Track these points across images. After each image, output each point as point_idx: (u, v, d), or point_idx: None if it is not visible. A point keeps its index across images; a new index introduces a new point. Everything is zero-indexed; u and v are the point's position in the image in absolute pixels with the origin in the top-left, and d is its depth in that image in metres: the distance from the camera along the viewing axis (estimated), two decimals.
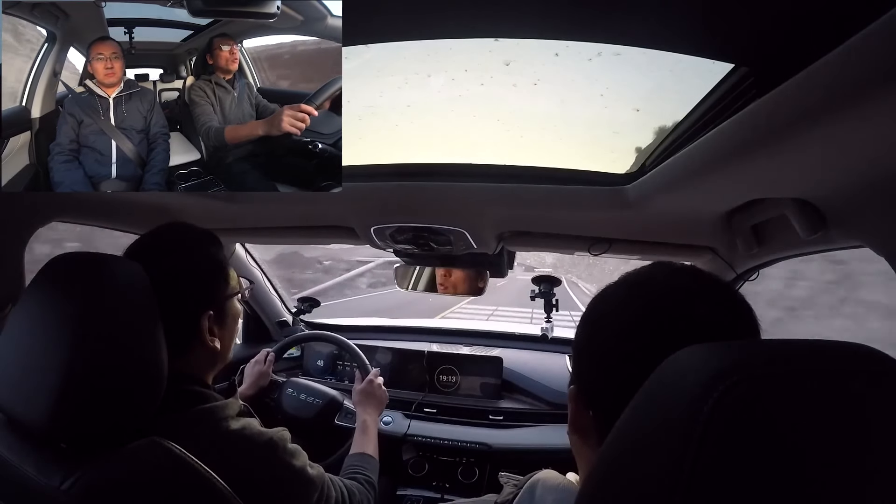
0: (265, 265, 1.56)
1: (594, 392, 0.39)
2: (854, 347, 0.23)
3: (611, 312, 0.40)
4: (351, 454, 0.93)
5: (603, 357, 0.39)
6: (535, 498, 0.42)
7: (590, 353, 0.40)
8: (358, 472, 0.85)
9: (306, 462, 0.66)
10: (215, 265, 0.66)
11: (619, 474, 0.25)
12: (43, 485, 0.45)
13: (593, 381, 0.39)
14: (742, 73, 0.46)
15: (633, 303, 0.38)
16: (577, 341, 0.42)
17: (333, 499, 0.70)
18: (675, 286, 0.38)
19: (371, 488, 0.83)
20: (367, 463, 0.91)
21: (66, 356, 0.46)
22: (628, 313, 0.38)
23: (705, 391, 0.21)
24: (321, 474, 0.68)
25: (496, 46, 0.52)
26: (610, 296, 0.41)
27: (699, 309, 0.36)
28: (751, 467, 0.20)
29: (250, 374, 1.18)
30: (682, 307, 0.36)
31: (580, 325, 0.42)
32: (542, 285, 1.33)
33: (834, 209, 0.58)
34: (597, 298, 0.42)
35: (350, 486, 0.76)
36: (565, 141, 0.76)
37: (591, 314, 0.42)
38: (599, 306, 0.41)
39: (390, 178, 0.85)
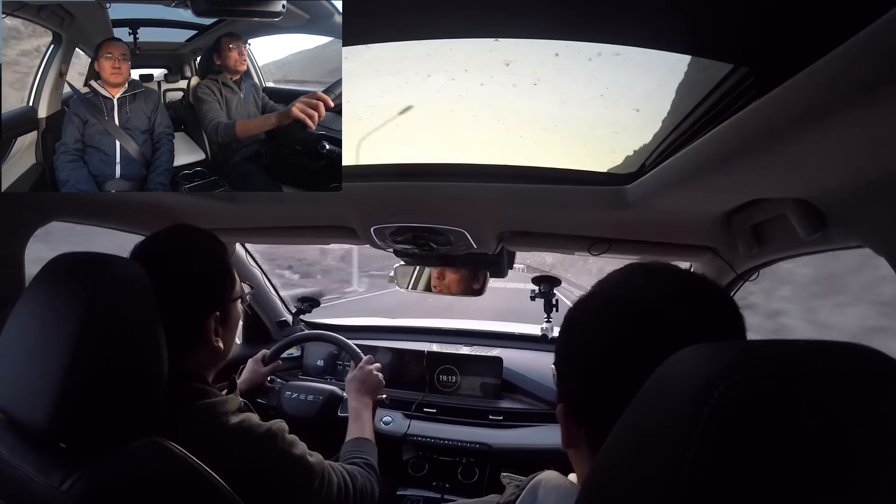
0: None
1: (581, 409, 0.39)
2: (854, 347, 0.23)
3: (587, 326, 0.39)
4: (346, 441, 0.93)
5: (584, 375, 0.38)
6: (537, 499, 0.41)
7: (571, 371, 0.40)
8: (356, 457, 0.86)
9: (305, 450, 0.67)
10: (223, 268, 0.67)
11: (619, 475, 0.25)
12: (43, 485, 0.45)
13: (578, 399, 0.39)
14: (742, 73, 0.46)
15: (608, 315, 0.38)
16: (558, 359, 0.41)
17: (335, 483, 0.70)
18: (648, 292, 0.37)
19: (371, 471, 0.83)
20: (363, 447, 0.90)
21: (66, 356, 0.46)
22: (603, 327, 0.37)
23: (705, 392, 0.21)
24: (320, 461, 0.69)
25: (496, 46, 0.52)
26: (584, 309, 0.40)
27: (675, 315, 0.35)
28: (750, 468, 0.20)
29: (248, 370, 1.18)
30: (656, 316, 0.35)
31: (559, 341, 0.42)
32: (542, 285, 1.33)
33: (834, 209, 0.58)
34: (572, 311, 0.41)
35: (351, 471, 0.77)
36: (565, 141, 0.76)
37: (568, 330, 0.41)
38: (576, 319, 0.41)
39: (390, 178, 0.85)
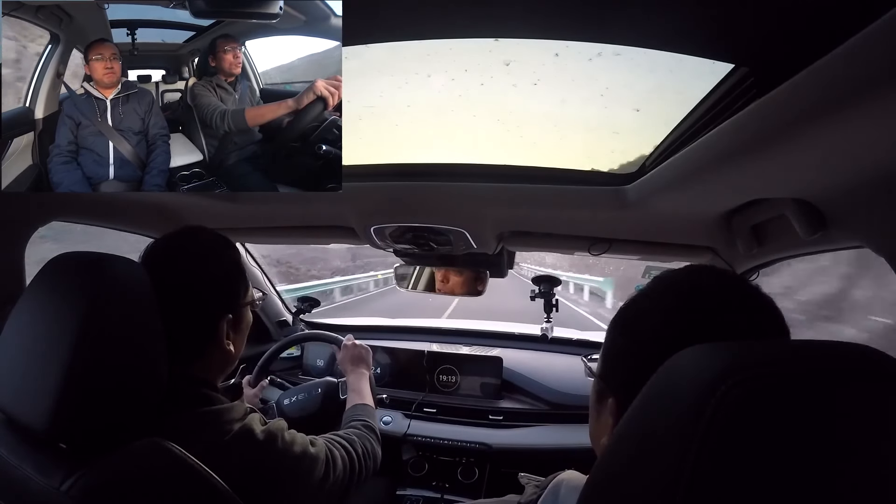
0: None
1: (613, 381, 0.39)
2: (854, 347, 0.23)
3: (654, 323, 0.39)
4: (346, 409, 0.95)
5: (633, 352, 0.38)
6: (558, 498, 0.41)
7: (629, 365, 0.39)
8: (354, 420, 0.88)
9: (306, 443, 0.67)
10: (237, 271, 0.66)
11: (623, 471, 0.25)
12: (43, 485, 0.45)
13: (619, 374, 0.39)
14: (742, 73, 0.46)
15: (683, 314, 0.37)
16: (612, 353, 0.41)
17: (339, 458, 0.71)
18: (719, 294, 0.38)
19: (370, 431, 0.86)
20: (361, 411, 0.93)
21: (66, 356, 0.46)
22: (677, 324, 0.37)
23: (708, 391, 0.21)
24: (321, 448, 0.69)
25: (496, 46, 0.52)
26: (650, 303, 0.40)
27: (738, 318, 0.36)
28: (752, 466, 0.20)
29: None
30: (724, 315, 0.36)
31: (614, 332, 0.41)
32: (542, 285, 1.33)
33: (834, 209, 0.58)
34: (631, 305, 0.41)
35: (348, 436, 0.79)
36: (565, 141, 0.76)
37: (626, 322, 0.41)
38: (637, 313, 0.40)
39: (390, 178, 0.85)
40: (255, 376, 1.25)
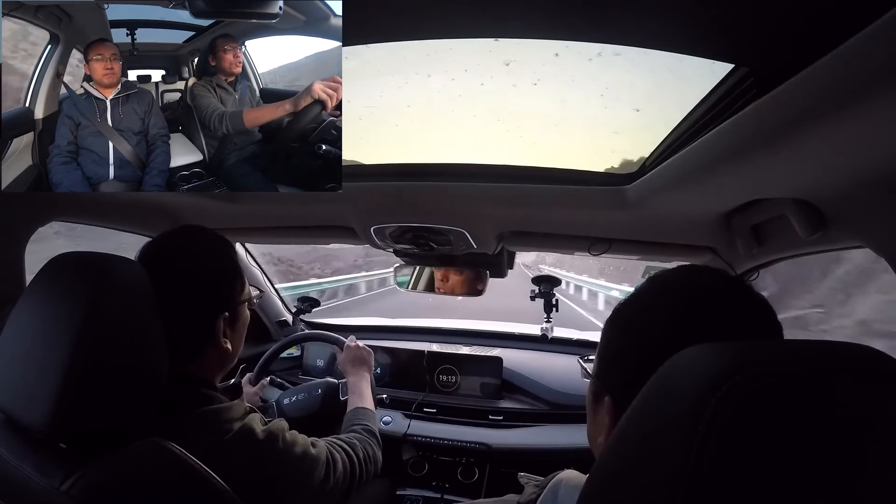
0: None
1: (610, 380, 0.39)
2: (855, 348, 0.23)
3: (654, 323, 0.39)
4: (347, 412, 0.95)
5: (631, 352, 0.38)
6: (558, 498, 0.41)
7: (627, 365, 0.39)
8: (355, 424, 0.88)
9: (307, 444, 0.67)
10: (232, 269, 0.66)
11: (623, 471, 0.25)
12: (42, 485, 0.45)
13: (616, 374, 0.39)
14: (742, 73, 0.46)
15: (683, 314, 0.37)
16: (610, 353, 0.41)
17: (340, 461, 0.71)
18: (719, 294, 0.38)
19: (371, 436, 0.85)
20: (363, 414, 0.92)
21: (66, 356, 0.46)
22: (677, 324, 0.37)
23: (708, 391, 0.21)
24: (322, 449, 0.69)
25: (496, 46, 0.52)
26: (649, 303, 0.40)
27: (738, 318, 0.36)
28: (753, 466, 0.20)
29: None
30: (724, 315, 0.36)
31: (612, 332, 0.41)
32: (542, 285, 1.33)
33: (834, 209, 0.58)
34: (628, 305, 0.41)
35: (349, 440, 0.79)
36: (565, 141, 0.76)
37: (624, 322, 0.41)
38: (635, 313, 0.40)
39: (390, 178, 0.85)
40: (255, 376, 1.25)
